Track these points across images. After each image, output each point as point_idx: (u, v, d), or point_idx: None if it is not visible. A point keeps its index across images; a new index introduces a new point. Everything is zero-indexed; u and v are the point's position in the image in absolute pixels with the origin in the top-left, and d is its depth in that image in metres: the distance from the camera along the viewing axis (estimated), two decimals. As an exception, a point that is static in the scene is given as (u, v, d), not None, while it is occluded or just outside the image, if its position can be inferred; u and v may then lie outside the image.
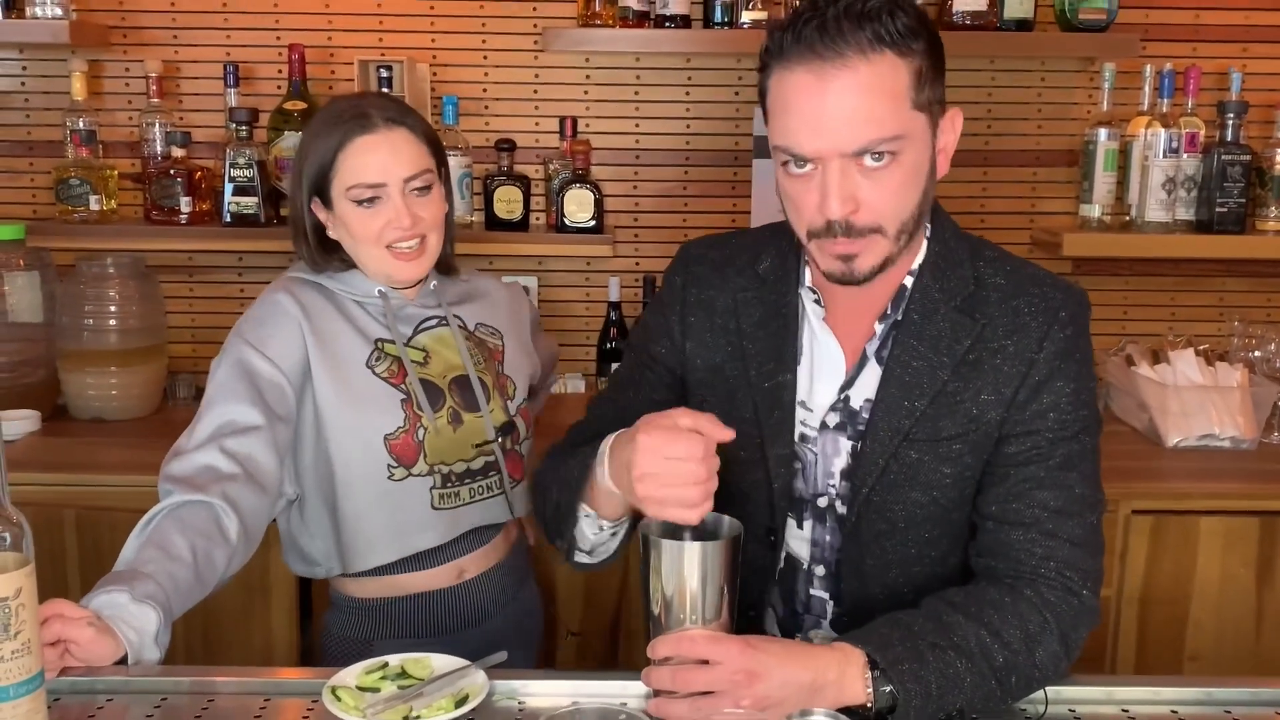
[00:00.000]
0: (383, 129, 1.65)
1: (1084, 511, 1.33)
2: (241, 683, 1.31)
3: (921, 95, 1.23)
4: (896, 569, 1.41)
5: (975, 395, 1.34)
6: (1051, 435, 1.33)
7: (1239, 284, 2.86)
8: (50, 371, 2.59)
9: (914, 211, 1.28)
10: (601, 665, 2.33)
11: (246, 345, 1.65)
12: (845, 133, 1.20)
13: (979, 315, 1.34)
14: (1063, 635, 1.28)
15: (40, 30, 2.49)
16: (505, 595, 1.84)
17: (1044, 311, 1.34)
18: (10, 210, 2.75)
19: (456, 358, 1.77)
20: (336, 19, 2.71)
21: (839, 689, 1.20)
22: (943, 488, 1.36)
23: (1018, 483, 1.33)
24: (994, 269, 1.38)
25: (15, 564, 1.09)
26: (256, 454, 1.58)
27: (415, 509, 1.70)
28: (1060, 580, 1.30)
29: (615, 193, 2.78)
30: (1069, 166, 2.79)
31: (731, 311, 1.44)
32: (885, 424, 1.35)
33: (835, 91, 1.20)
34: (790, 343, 1.40)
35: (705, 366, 1.45)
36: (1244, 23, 2.76)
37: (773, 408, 1.40)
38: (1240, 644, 2.29)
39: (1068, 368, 1.33)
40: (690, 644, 1.20)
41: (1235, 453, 2.47)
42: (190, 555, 1.43)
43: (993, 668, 1.24)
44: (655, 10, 2.55)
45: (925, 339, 1.34)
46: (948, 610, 1.27)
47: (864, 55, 1.19)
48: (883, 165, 1.22)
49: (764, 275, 1.43)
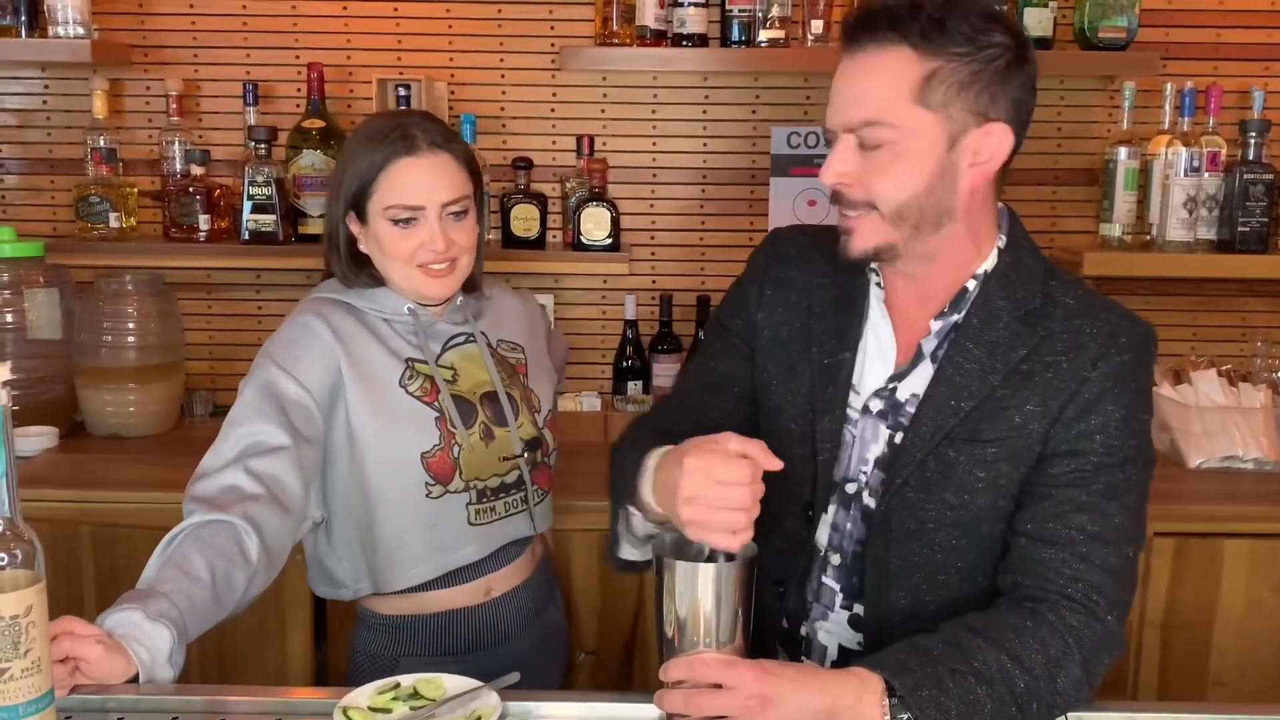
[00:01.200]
0: (427, 153, 1.67)
1: (1121, 543, 1.31)
2: (254, 702, 1.31)
3: (932, 96, 1.27)
4: (920, 574, 1.40)
5: (1021, 405, 1.34)
6: (1097, 460, 1.32)
7: (1261, 304, 2.84)
8: (68, 388, 2.60)
9: (914, 201, 1.31)
10: (617, 686, 2.31)
11: (275, 366, 1.65)
12: (846, 109, 1.31)
13: (1040, 328, 1.35)
14: (1085, 661, 1.26)
15: (62, 49, 2.51)
16: (530, 615, 1.84)
17: (1105, 334, 1.34)
18: (31, 227, 2.76)
19: (484, 374, 1.78)
20: (355, 38, 2.73)
21: (854, 715, 1.18)
22: (974, 492, 1.36)
23: (1057, 503, 1.32)
24: (1065, 290, 1.39)
25: (26, 581, 1.09)
26: (281, 475, 1.57)
27: (453, 525, 1.71)
28: (1085, 603, 1.28)
29: (632, 211, 2.78)
30: (1089, 185, 2.78)
31: (806, 292, 1.48)
32: (930, 420, 1.36)
33: (849, 72, 1.31)
34: (854, 325, 1.44)
35: (772, 338, 1.49)
36: (1265, 41, 2.75)
37: (828, 383, 1.43)
38: (1266, 669, 2.26)
39: (1121, 393, 1.32)
40: (704, 668, 1.18)
41: (1259, 474, 2.44)
42: (208, 575, 1.43)
43: (1014, 694, 1.22)
44: (672, 29, 2.56)
45: (982, 343, 1.36)
46: (967, 635, 1.25)
47: (880, 45, 1.28)
48: (877, 151, 1.29)
49: (840, 266, 1.44)
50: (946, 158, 1.30)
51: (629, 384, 2.73)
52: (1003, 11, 1.35)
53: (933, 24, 1.26)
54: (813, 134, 2.75)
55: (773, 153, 2.76)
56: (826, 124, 1.35)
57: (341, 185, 1.71)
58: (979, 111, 1.29)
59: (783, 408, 1.47)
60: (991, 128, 1.30)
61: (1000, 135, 1.31)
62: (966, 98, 1.28)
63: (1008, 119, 1.31)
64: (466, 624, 1.76)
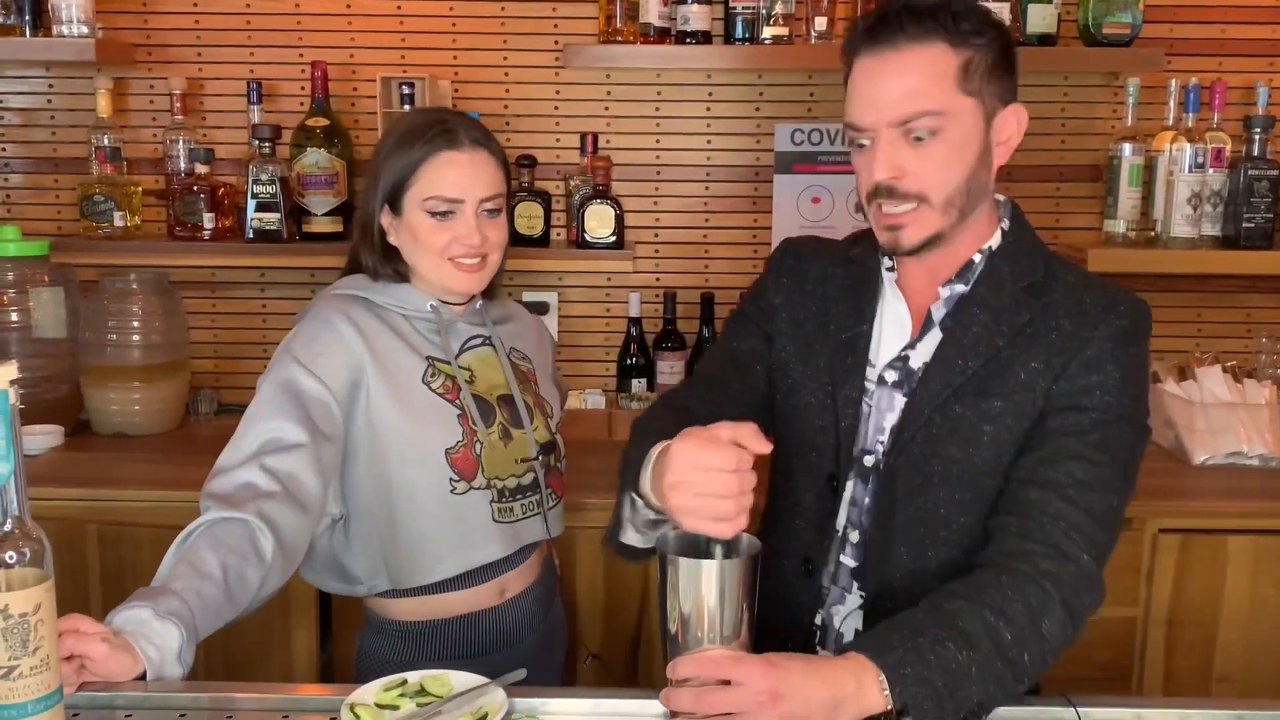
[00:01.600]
0: (469, 148, 1.70)
1: (1107, 492, 1.36)
2: (261, 699, 1.31)
3: (971, 84, 1.36)
4: (924, 529, 1.43)
5: (1026, 362, 1.40)
6: (1094, 415, 1.37)
7: (1266, 300, 2.83)
8: (73, 387, 2.60)
9: (961, 187, 1.38)
10: (621, 683, 2.31)
11: (295, 363, 1.65)
12: (892, 105, 1.35)
13: (1044, 297, 1.43)
14: (1065, 601, 1.29)
15: (66, 48, 2.51)
16: (538, 614, 1.84)
17: (1105, 303, 1.42)
18: (35, 226, 2.77)
19: (499, 377, 1.79)
20: (359, 36, 2.73)
21: (858, 700, 1.19)
22: (979, 445, 1.40)
23: (1052, 450, 1.37)
24: (1065, 269, 1.48)
25: (35, 580, 1.09)
26: (298, 472, 1.57)
27: (477, 522, 1.71)
28: (1062, 543, 1.30)
29: (636, 209, 2.78)
30: (1093, 182, 2.77)
31: (821, 280, 1.56)
32: (938, 378, 1.42)
33: (888, 71, 1.36)
34: (869, 304, 1.50)
35: (789, 320, 1.56)
36: (1270, 36, 2.74)
37: (846, 355, 1.49)
38: (1271, 665, 2.26)
39: (1120, 355, 1.39)
40: (712, 664, 1.18)
41: (1264, 471, 2.43)
42: (220, 573, 1.43)
43: (999, 647, 1.24)
44: (676, 26, 2.55)
45: (988, 309, 1.43)
46: (947, 599, 1.28)
47: (916, 41, 1.34)
48: (927, 140, 1.35)
49: (854, 258, 1.55)
50: (984, 140, 1.39)
51: (633, 382, 2.73)
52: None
53: (953, 17, 1.35)
54: (816, 131, 2.75)
55: (776, 150, 2.76)
56: (861, 122, 1.38)
57: (380, 176, 1.72)
58: (1002, 94, 1.39)
59: (802, 384, 1.52)
60: (1012, 108, 1.40)
61: (1019, 114, 1.41)
62: (993, 82, 1.37)
63: (1017, 99, 1.42)
64: (482, 626, 1.76)
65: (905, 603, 1.33)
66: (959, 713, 1.22)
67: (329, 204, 2.60)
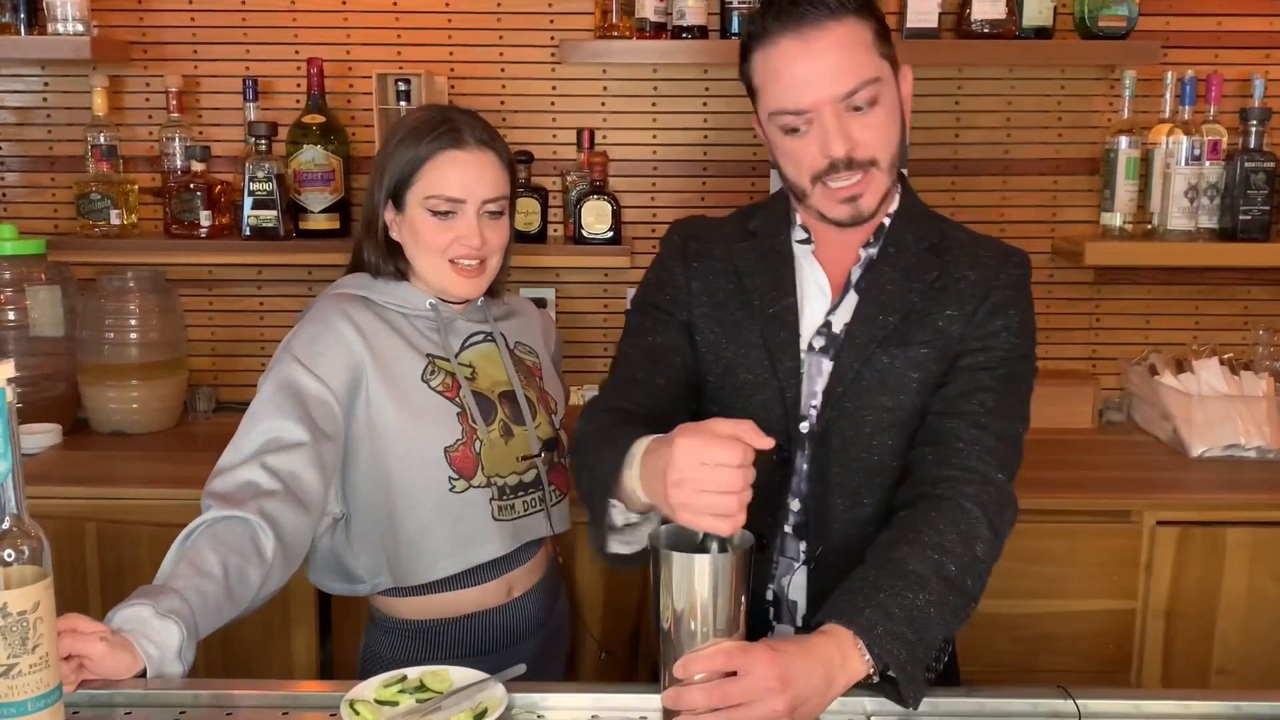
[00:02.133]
0: (474, 148, 1.70)
1: (1013, 420, 1.46)
2: (260, 695, 1.31)
3: (883, 49, 1.43)
4: (860, 477, 1.48)
5: (941, 311, 1.48)
6: (1002, 353, 1.47)
7: (1263, 292, 2.83)
8: (71, 385, 2.60)
9: (898, 148, 1.46)
10: (622, 678, 2.32)
11: (296, 362, 1.65)
12: (833, 82, 1.39)
13: (945, 256, 1.52)
14: (990, 522, 1.36)
15: (62, 46, 2.51)
16: (544, 612, 1.84)
17: (1000, 256, 1.53)
18: (32, 225, 2.76)
19: (501, 373, 1.79)
20: (354, 33, 2.73)
21: (845, 671, 1.21)
22: (909, 392, 1.47)
23: (964, 384, 1.46)
24: (954, 230, 1.57)
25: (34, 578, 1.09)
26: (300, 471, 1.57)
27: (477, 520, 1.71)
28: (979, 466, 1.39)
29: (633, 204, 2.78)
30: (1090, 175, 2.77)
31: (728, 258, 1.57)
32: (861, 334, 1.48)
33: (819, 50, 1.39)
34: (788, 275, 1.54)
35: (710, 303, 1.56)
36: (1266, 29, 2.74)
37: (779, 328, 1.51)
38: (1269, 657, 2.26)
39: (1020, 300, 1.50)
40: (724, 657, 1.17)
41: (1261, 463, 2.44)
42: (221, 571, 1.43)
43: (946, 579, 1.29)
44: (672, 21, 2.55)
45: (898, 268, 1.50)
46: (890, 548, 1.32)
47: (835, 18, 1.40)
48: (867, 109, 1.41)
49: (754, 230, 1.58)
50: (898, 100, 1.47)
51: (631, 377, 2.73)
52: None
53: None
54: (813, 125, 2.75)
55: (773, 145, 2.76)
56: (799, 105, 1.41)
57: (385, 171, 1.72)
58: (894, 58, 1.47)
59: (737, 362, 1.53)
60: (904, 68, 1.49)
61: (908, 76, 1.49)
62: (888, 48, 1.45)
63: None
64: (487, 625, 1.76)
65: (845, 552, 1.43)
66: (929, 655, 1.26)
67: (326, 201, 2.60)
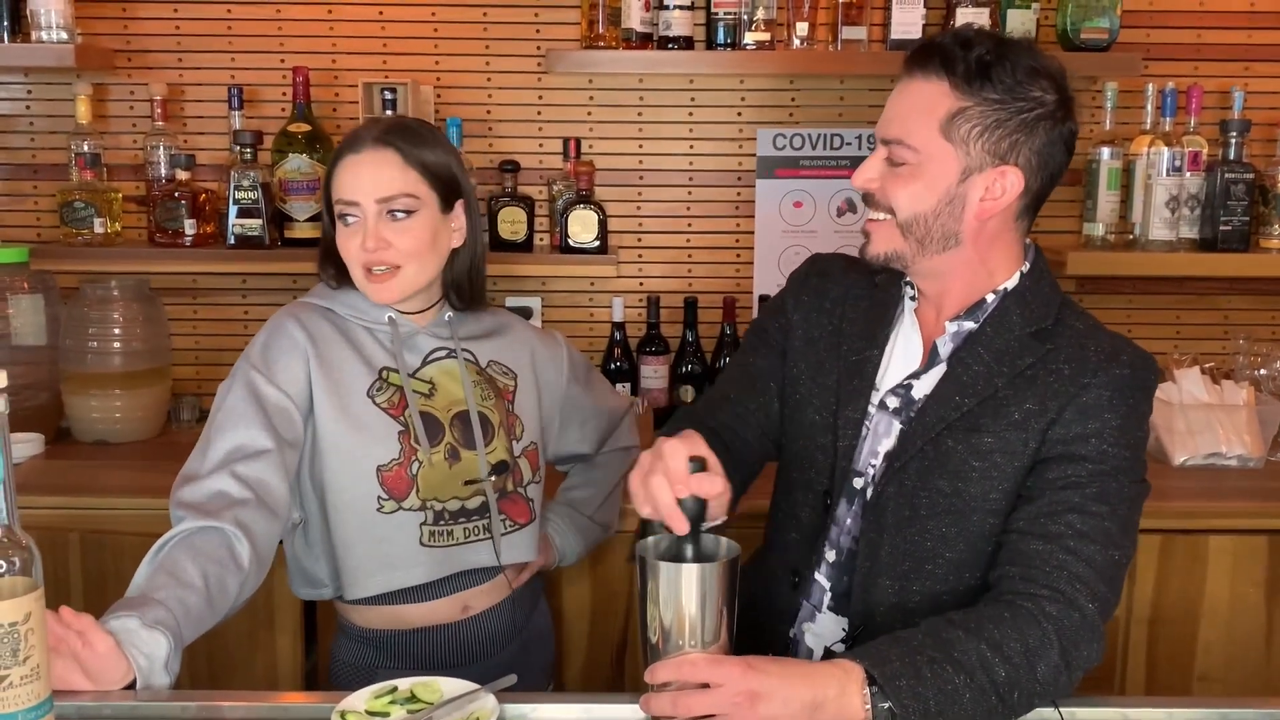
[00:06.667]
0: (369, 149, 1.66)
1: (1108, 546, 1.34)
2: (249, 707, 1.31)
3: (956, 131, 1.38)
4: (910, 562, 1.44)
5: (1021, 403, 1.41)
6: (1091, 466, 1.36)
7: (1244, 302, 2.86)
8: (54, 394, 2.59)
9: (922, 217, 1.41)
10: (608, 687, 2.31)
11: (254, 371, 1.65)
12: (884, 124, 1.44)
13: (1049, 343, 1.43)
14: (1063, 650, 1.28)
15: (45, 54, 2.49)
16: (515, 627, 1.82)
17: (1109, 351, 1.42)
18: (14, 233, 2.75)
19: (460, 391, 1.75)
20: (340, 41, 2.72)
21: (839, 706, 1.20)
22: (968, 479, 1.41)
23: (1050, 503, 1.36)
24: (1077, 317, 1.48)
25: (25, 588, 1.08)
26: (267, 478, 1.57)
27: (402, 543, 1.68)
28: (1066, 592, 1.30)
29: (619, 213, 2.78)
30: (1072, 185, 2.79)
31: (841, 301, 1.58)
32: (933, 411, 1.44)
33: (896, 94, 1.44)
34: (884, 328, 1.53)
35: (804, 338, 1.59)
36: (1246, 42, 2.77)
37: (854, 377, 1.51)
38: (1250, 663, 2.28)
39: (1118, 403, 1.38)
40: (691, 668, 1.19)
41: (1242, 471, 2.46)
42: (202, 582, 1.43)
43: (994, 682, 1.24)
44: (658, 32, 2.56)
45: (992, 349, 1.44)
46: (947, 627, 1.28)
47: (926, 76, 1.39)
48: (901, 167, 1.41)
49: (878, 283, 1.57)
50: (957, 188, 1.40)
51: (617, 386, 2.73)
52: (1058, 69, 1.41)
53: (979, 67, 1.36)
54: (798, 135, 2.76)
55: (759, 154, 2.77)
56: (875, 131, 1.47)
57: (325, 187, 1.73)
58: (998, 154, 1.39)
59: (809, 400, 1.54)
60: (1006, 170, 1.39)
61: (1013, 179, 1.40)
62: (988, 140, 1.38)
63: (1025, 166, 1.40)
64: (445, 640, 1.74)
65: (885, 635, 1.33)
66: None
67: (311, 210, 2.60)
